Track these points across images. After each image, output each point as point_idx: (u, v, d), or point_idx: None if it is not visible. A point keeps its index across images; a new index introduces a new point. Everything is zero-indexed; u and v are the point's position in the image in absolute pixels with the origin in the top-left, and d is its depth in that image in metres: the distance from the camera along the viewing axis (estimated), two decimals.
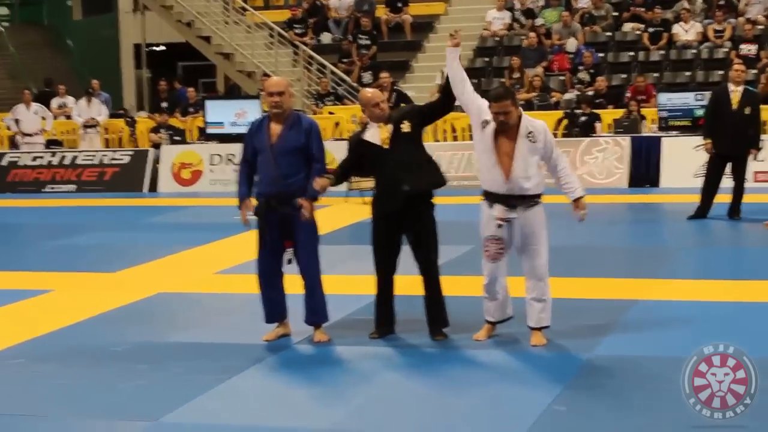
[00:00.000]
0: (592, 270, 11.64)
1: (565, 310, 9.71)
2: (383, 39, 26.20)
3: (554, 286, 10.10)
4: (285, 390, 7.86)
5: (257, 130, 8.96)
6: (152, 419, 6.91)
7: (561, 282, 10.91)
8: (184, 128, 23.35)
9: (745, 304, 9.92)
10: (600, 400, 7.19)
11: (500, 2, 25.85)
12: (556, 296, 9.30)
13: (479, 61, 25.11)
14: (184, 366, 8.20)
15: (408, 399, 7.52)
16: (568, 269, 11.51)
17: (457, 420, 6.98)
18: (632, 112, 20.03)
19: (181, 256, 13.45)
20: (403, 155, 8.76)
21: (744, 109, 14.46)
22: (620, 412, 6.92)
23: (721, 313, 9.48)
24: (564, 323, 9.19)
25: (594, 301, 10.16)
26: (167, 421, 6.89)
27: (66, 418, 7.12)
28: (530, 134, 8.44)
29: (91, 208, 19.14)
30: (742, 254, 13.00)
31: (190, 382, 7.70)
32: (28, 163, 22.26)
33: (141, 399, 7.36)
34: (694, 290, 10.55)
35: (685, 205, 15.17)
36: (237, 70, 27.64)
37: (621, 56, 24.21)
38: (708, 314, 9.47)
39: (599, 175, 19.02)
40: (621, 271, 11.64)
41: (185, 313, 10.54)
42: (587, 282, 11.02)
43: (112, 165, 21.75)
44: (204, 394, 7.38)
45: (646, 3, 24.77)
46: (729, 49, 22.97)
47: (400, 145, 8.80)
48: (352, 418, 6.97)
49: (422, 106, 9.61)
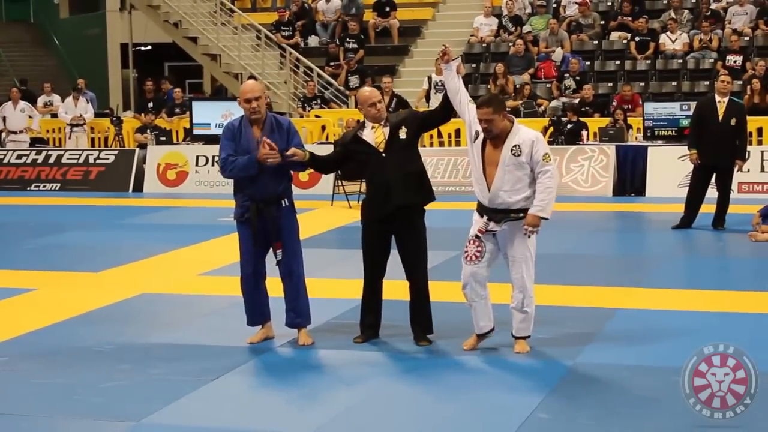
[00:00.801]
0: (575, 278, 11.64)
1: (549, 317, 9.72)
2: (370, 43, 26.22)
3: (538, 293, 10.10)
4: (267, 393, 7.84)
5: (239, 134, 8.73)
6: (134, 420, 6.89)
7: (545, 289, 10.91)
8: (170, 129, 23.32)
9: (728, 314, 9.93)
10: (582, 407, 7.19)
11: (487, 9, 25.87)
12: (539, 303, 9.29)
13: (466, 67, 25.09)
14: (167, 367, 8.17)
15: (391, 405, 7.51)
16: (553, 276, 11.51)
17: (441, 426, 6.98)
18: (618, 120, 20.06)
19: (165, 257, 13.43)
20: (397, 163, 8.71)
21: (730, 120, 14.49)
22: (602, 419, 6.92)
23: (705, 323, 9.48)
24: (548, 331, 9.19)
25: (577, 309, 10.15)
26: (149, 422, 6.87)
27: (48, 417, 7.09)
28: (515, 147, 8.27)
29: (76, 207, 19.09)
30: (726, 264, 13.02)
31: (172, 383, 7.68)
32: (13, 161, 22.19)
33: (123, 400, 7.33)
34: (677, 300, 10.56)
35: (670, 215, 15.20)
36: (224, 72, 27.64)
37: (607, 65, 24.27)
38: (691, 324, 9.48)
39: (584, 183, 19.05)
40: (605, 280, 11.63)
41: (168, 314, 10.51)
42: (571, 290, 11.01)
43: (98, 164, 21.68)
44: (186, 396, 7.36)
45: (633, 12, 24.82)
46: (715, 60, 23.03)
47: (395, 151, 8.76)
48: (335, 423, 6.96)
49: (422, 113, 9.59)
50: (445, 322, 9.27)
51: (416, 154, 9.00)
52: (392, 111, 20.12)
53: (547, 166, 8.27)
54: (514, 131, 8.33)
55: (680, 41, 23.82)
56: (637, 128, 20.06)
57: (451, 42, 25.57)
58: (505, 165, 8.29)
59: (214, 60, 27.80)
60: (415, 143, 9.05)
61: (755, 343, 8.75)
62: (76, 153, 22.20)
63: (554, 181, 8.33)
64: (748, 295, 10.76)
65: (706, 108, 14.80)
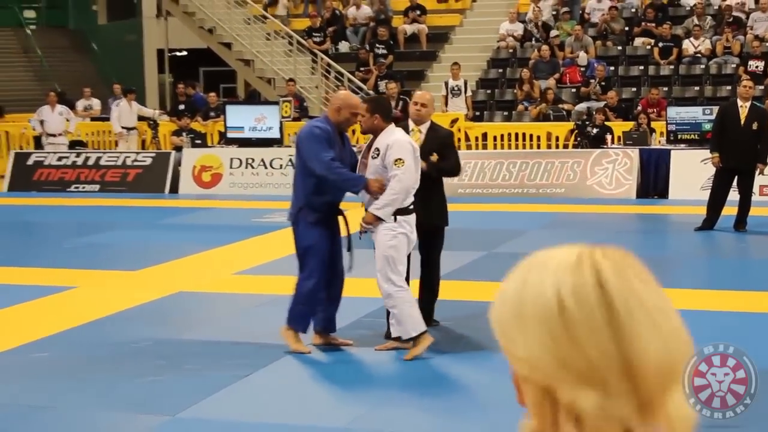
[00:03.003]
0: None
1: None
2: (399, 49, 26.23)
3: None
4: (301, 388, 7.89)
5: (332, 139, 8.46)
6: (170, 414, 6.95)
7: None
8: (205, 132, 23.40)
9: (749, 314, 9.92)
10: None
11: (513, 15, 25.86)
12: None
13: (493, 72, 25.12)
14: (202, 363, 8.23)
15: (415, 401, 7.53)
16: None
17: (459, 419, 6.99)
18: (641, 124, 20.02)
19: (200, 256, 13.48)
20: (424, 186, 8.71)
21: (752, 124, 14.45)
22: None
23: (726, 323, 9.47)
24: None
25: None
26: (184, 416, 6.92)
27: (87, 410, 7.15)
28: (375, 150, 8.22)
29: (115, 207, 19.19)
30: (748, 265, 13.00)
31: (207, 379, 7.73)
32: (54, 162, 22.30)
33: (160, 394, 7.39)
34: (699, 300, 10.54)
35: (692, 217, 15.17)
36: (257, 77, 27.69)
37: (631, 70, 24.21)
38: (713, 323, 9.45)
39: (608, 185, 19.00)
40: None
41: (204, 311, 10.57)
42: None
43: (135, 166, 21.78)
44: (220, 391, 7.41)
45: (657, 19, 24.76)
46: (737, 65, 22.95)
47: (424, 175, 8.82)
48: (366, 418, 6.99)
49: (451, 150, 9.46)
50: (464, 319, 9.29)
51: (440, 180, 9.22)
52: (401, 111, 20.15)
53: (395, 171, 8.09)
54: (381, 136, 8.23)
55: (703, 47, 23.74)
56: (660, 132, 20.01)
57: (478, 47, 25.82)
58: (371, 168, 8.27)
59: (248, 65, 27.86)
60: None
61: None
62: (115, 155, 22.32)
63: (400, 185, 8.11)
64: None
65: (729, 112, 14.77)
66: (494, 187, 19.54)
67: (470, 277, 11.52)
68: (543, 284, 1.56)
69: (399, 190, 8.12)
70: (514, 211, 17.30)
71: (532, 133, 21.42)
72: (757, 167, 14.58)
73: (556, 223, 16.10)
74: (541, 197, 18.97)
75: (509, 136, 21.54)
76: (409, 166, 8.12)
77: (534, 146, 21.13)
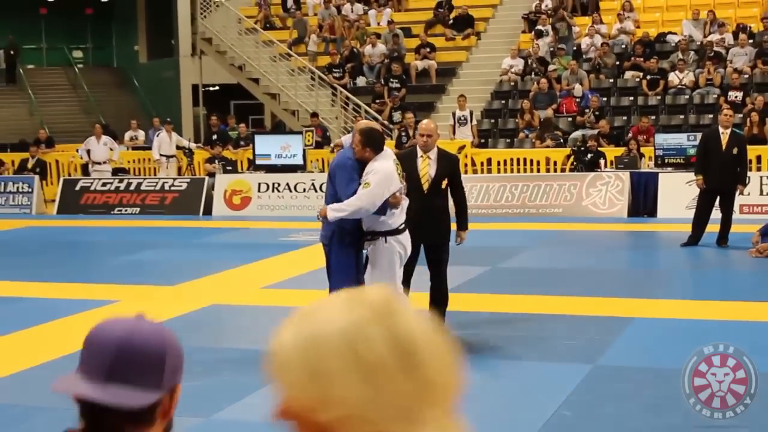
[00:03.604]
0: (595, 290, 11.61)
1: (571, 324, 9.70)
2: (411, 82, 26.26)
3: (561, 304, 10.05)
4: None
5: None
6: (205, 416, 6.94)
7: (569, 300, 10.91)
8: (236, 159, 23.46)
9: (731, 322, 9.88)
10: (603, 406, 7.17)
11: (514, 51, 25.88)
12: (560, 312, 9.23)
13: (496, 103, 25.13)
14: (234, 369, 8.22)
15: None
16: (575, 288, 11.49)
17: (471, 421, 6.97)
18: (632, 150, 20.00)
19: (231, 272, 13.49)
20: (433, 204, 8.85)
21: (732, 149, 14.43)
22: (621, 417, 6.90)
23: (710, 330, 9.43)
24: (569, 336, 9.17)
25: (598, 317, 10.13)
26: (218, 417, 6.92)
27: None
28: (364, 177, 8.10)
29: (153, 228, 19.23)
30: (730, 278, 12.94)
31: (239, 384, 7.72)
32: (99, 188, 22.37)
33: (195, 398, 7.37)
34: (685, 309, 10.52)
35: (678, 234, 15.13)
36: (282, 109, 27.77)
37: (622, 100, 24.19)
38: (698, 330, 9.43)
39: (602, 205, 18.97)
40: (621, 291, 11.60)
41: (235, 322, 10.57)
42: (592, 300, 10.99)
43: (172, 191, 21.84)
44: (250, 395, 7.39)
45: (645, 54, 24.74)
46: (718, 96, 22.91)
47: (435, 194, 8.97)
48: None
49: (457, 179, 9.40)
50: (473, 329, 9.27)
51: (446, 199, 9.20)
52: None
53: (360, 190, 7.99)
54: (370, 163, 8.13)
55: (687, 79, 23.72)
56: (649, 157, 19.98)
57: (482, 81, 25.84)
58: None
59: (274, 98, 27.94)
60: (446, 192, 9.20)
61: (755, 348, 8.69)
62: (154, 181, 22.37)
63: (357, 202, 7.94)
64: (749, 305, 10.70)
65: (711, 139, 14.76)
66: (498, 208, 19.52)
67: (477, 290, 11.51)
68: (331, 335, 1.59)
69: (353, 205, 7.99)
70: (516, 230, 17.28)
71: (533, 158, 21.41)
72: (737, 188, 14.56)
73: (555, 240, 16.08)
74: (541, 217, 18.94)
75: (511, 161, 21.54)
76: (371, 191, 7.97)
77: (534, 170, 21.12)
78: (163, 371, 2.03)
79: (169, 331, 2.10)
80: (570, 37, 26.16)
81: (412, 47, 27.22)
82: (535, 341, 8.96)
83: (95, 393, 1.99)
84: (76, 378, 2.03)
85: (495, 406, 7.32)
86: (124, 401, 1.98)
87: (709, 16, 25.43)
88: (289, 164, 21.12)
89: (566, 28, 26.17)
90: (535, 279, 12.27)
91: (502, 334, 9.30)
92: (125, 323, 2.12)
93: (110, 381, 1.99)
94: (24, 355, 8.99)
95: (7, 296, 12.06)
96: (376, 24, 28.68)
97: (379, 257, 8.22)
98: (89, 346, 2.08)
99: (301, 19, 29.07)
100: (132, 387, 1.99)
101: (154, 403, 2.02)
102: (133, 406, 1.98)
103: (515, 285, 11.88)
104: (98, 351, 2.05)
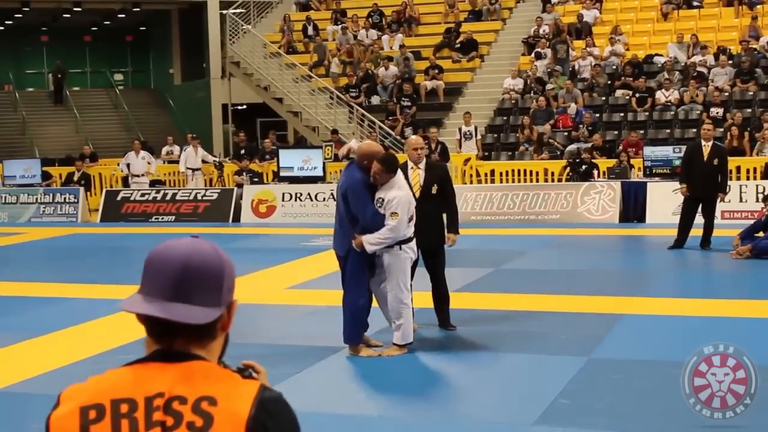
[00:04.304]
0: (589, 289, 11.59)
1: (566, 320, 9.67)
2: (421, 101, 26.27)
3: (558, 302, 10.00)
4: (341, 384, 7.87)
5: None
6: None
7: (563, 298, 10.88)
8: (262, 171, 23.49)
9: (714, 318, 9.84)
10: (598, 395, 7.15)
11: (514, 72, 25.87)
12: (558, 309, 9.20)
13: (498, 120, 25.11)
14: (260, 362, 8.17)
15: (437, 393, 7.51)
16: (570, 288, 11.47)
17: (477, 408, 6.96)
18: (623, 161, 19.96)
19: (258, 273, 13.49)
20: (425, 210, 8.88)
21: (713, 160, 14.40)
22: (614, 405, 6.88)
23: (695, 326, 9.41)
24: (564, 331, 9.14)
25: (591, 314, 10.11)
26: None
27: None
28: (378, 199, 8.16)
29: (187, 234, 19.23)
30: (712, 277, 12.90)
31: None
32: (138, 198, 22.42)
33: None
34: (673, 306, 10.48)
35: (666, 237, 15.08)
36: (304, 125, 27.81)
37: (613, 116, 24.14)
38: (684, 326, 9.41)
39: (595, 212, 18.92)
40: (613, 290, 11.57)
41: (261, 320, 10.56)
42: (586, 299, 10.96)
43: (204, 200, 21.87)
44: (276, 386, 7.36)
45: (634, 74, 24.70)
46: (701, 112, 22.86)
47: (426, 200, 9.03)
48: (396, 407, 6.97)
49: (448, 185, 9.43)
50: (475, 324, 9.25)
51: (438, 205, 9.23)
52: (438, 154, 20.25)
53: (390, 222, 8.07)
54: (385, 187, 8.19)
55: (672, 97, 23.66)
56: (638, 167, 19.93)
57: (485, 99, 25.83)
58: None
59: (296, 116, 27.98)
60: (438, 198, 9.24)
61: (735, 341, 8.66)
62: (187, 191, 22.41)
63: (392, 234, 8.06)
64: (729, 302, 10.66)
65: (694, 151, 14.73)
66: (500, 215, 19.49)
67: (481, 289, 11.50)
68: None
69: (389, 236, 8.10)
70: (518, 235, 17.26)
71: (532, 169, 21.38)
72: (717, 196, 14.52)
73: (552, 244, 16.05)
74: (540, 222, 18.91)
75: (513, 172, 21.51)
76: (401, 220, 8.09)
77: (533, 180, 21.08)
78: (222, 288, 2.02)
79: (224, 252, 2.08)
80: (567, 58, 26.12)
81: (422, 69, 27.23)
82: (534, 336, 8.93)
83: (163, 312, 1.97)
84: (141, 299, 2.01)
85: (499, 395, 7.31)
86: (190, 318, 1.96)
87: (692, 39, 25.39)
88: (310, 176, 21.15)
89: (565, 51, 26.14)
90: (534, 279, 12.25)
91: (505, 329, 9.28)
92: (185, 245, 2.08)
93: (175, 300, 1.97)
94: (72, 351, 9.01)
95: (56, 296, 12.10)
96: (389, 48, 28.69)
97: (395, 264, 8.26)
98: (151, 267, 2.04)
99: (321, 44, 29.10)
100: (195, 304, 1.98)
101: (216, 318, 2.01)
102: (199, 322, 1.97)
103: (516, 285, 11.86)
104: (161, 272, 2.02)
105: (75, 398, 2.02)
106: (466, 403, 7.15)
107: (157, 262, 2.02)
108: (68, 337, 9.69)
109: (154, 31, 42.20)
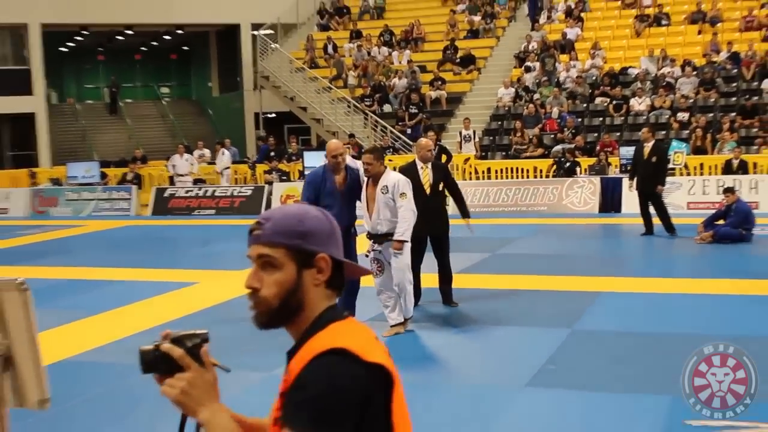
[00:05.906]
0: (571, 269, 11.61)
1: (552, 297, 9.70)
2: (427, 108, 26.26)
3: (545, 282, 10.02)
4: None
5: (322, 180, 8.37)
6: (267, 371, 7.01)
7: (549, 279, 10.91)
8: (289, 171, 23.53)
9: (679, 294, 9.86)
10: (581, 360, 7.19)
11: (507, 82, 25.83)
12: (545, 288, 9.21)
13: (494, 124, 25.07)
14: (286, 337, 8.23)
15: (439, 360, 7.54)
16: (553, 269, 11.49)
17: (475, 373, 7.00)
18: (602, 160, 19.94)
19: None
20: (434, 204, 8.98)
21: (651, 158, 14.41)
22: (595, 368, 6.91)
23: (662, 301, 9.44)
24: (550, 307, 9.17)
25: (573, 292, 10.14)
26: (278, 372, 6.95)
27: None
28: (384, 187, 7.94)
29: (226, 226, 19.35)
30: (678, 260, 12.91)
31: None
32: (182, 194, 22.51)
33: (255, 360, 7.44)
34: (643, 285, 10.50)
35: (638, 226, 15.09)
36: (325, 130, 27.80)
37: (593, 121, 24.08)
38: (654, 302, 9.43)
39: (578, 204, 18.93)
40: (592, 271, 11.59)
41: None
42: (567, 279, 11.00)
43: (240, 196, 21.96)
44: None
45: (611, 83, 24.64)
46: (669, 116, 22.79)
47: (435, 195, 9.11)
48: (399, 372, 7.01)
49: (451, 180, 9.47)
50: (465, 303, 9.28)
51: (445, 198, 9.32)
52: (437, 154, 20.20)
53: (401, 202, 7.89)
54: (385, 175, 8.00)
55: (644, 103, 23.60)
56: (615, 165, 19.92)
57: (481, 106, 25.79)
58: (378, 201, 8.01)
59: (318, 122, 28.00)
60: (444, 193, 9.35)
61: (696, 316, 8.69)
62: (225, 188, 22.50)
63: (409, 213, 7.90)
64: (692, 281, 10.68)
65: (638, 151, 14.84)
66: (496, 207, 19.51)
67: (479, 271, 11.53)
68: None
69: (409, 217, 7.96)
70: (510, 224, 17.28)
71: (523, 167, 21.36)
72: (657, 188, 14.46)
73: (541, 231, 16.07)
74: (530, 213, 18.92)
75: (507, 170, 21.50)
76: (410, 198, 7.99)
77: (524, 176, 21.08)
78: None
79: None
80: (553, 70, 26.07)
81: (427, 80, 27.20)
82: (525, 311, 8.97)
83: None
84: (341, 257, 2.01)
85: (493, 362, 7.35)
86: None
87: (661, 53, 25.31)
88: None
89: (552, 64, 26.08)
90: (525, 262, 12.27)
91: (500, 306, 9.32)
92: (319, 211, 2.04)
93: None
94: (126, 326, 9.09)
95: (113, 279, 12.20)
96: (399, 63, 28.68)
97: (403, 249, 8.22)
98: (335, 234, 2.03)
99: (339, 60, 29.11)
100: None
101: None
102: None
103: (510, 267, 11.89)
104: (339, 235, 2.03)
105: (370, 352, 1.90)
106: (466, 369, 7.20)
107: (337, 229, 2.04)
108: (123, 315, 9.78)
109: (195, 50, 42.24)
